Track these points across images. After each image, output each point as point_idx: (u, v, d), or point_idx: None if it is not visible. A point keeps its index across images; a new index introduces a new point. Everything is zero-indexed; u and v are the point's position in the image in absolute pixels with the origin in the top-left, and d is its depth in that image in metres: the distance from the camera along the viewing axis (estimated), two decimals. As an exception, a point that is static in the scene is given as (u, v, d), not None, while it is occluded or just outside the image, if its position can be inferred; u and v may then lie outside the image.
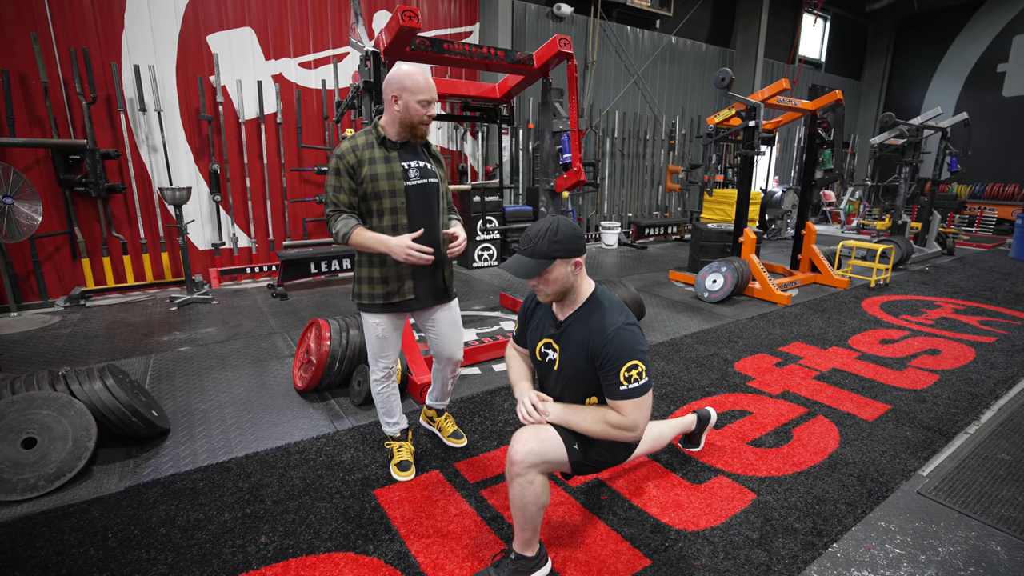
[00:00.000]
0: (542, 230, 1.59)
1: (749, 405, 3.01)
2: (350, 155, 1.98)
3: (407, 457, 2.36)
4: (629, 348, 1.55)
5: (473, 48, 3.39)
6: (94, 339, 3.97)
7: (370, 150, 2.00)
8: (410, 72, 1.96)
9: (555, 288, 1.63)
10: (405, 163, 2.05)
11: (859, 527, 2.01)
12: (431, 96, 1.98)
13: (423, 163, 2.10)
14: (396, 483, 2.24)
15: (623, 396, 1.55)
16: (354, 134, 2.05)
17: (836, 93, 5.60)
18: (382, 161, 2.00)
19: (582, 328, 1.64)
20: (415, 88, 1.95)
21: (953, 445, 2.61)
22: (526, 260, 1.60)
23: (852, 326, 4.51)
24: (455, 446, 2.50)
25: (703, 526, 2.00)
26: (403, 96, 1.95)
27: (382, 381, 2.29)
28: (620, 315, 1.62)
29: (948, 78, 12.72)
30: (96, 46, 4.83)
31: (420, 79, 1.96)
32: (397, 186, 2.01)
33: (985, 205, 11.19)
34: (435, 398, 2.55)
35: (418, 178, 2.07)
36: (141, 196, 5.26)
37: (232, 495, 2.13)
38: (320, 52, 6.07)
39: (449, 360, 2.38)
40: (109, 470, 2.29)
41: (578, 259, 1.62)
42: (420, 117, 1.99)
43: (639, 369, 1.55)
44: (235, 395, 3.08)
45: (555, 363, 1.71)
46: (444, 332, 2.30)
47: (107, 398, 2.32)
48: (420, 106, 1.97)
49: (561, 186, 3.83)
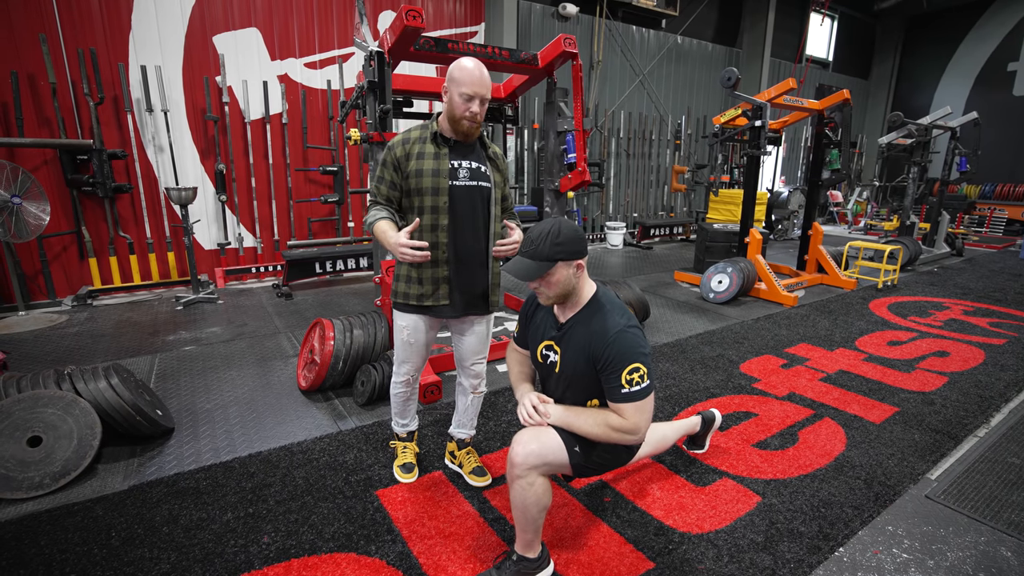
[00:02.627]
0: (544, 232, 1.57)
1: (755, 407, 2.98)
2: (399, 148, 1.91)
3: (411, 459, 2.32)
4: (631, 351, 1.54)
5: (478, 48, 3.39)
6: (100, 338, 3.99)
7: (421, 144, 1.92)
8: (462, 63, 1.84)
9: (557, 290, 1.61)
10: (455, 161, 1.94)
11: (866, 531, 1.98)
12: (475, 91, 1.83)
13: (477, 164, 1.97)
14: (399, 484, 2.24)
15: (624, 399, 1.54)
16: (409, 128, 1.97)
17: (843, 93, 5.56)
18: (431, 157, 1.91)
19: (583, 330, 1.63)
20: (460, 79, 1.82)
21: (962, 448, 2.57)
22: (527, 262, 1.59)
23: (859, 327, 4.46)
24: (477, 485, 2.24)
25: (707, 529, 1.98)
26: (450, 87, 1.85)
27: (400, 385, 2.22)
28: (621, 317, 1.60)
29: (957, 77, 12.61)
30: (104, 47, 4.87)
31: (468, 70, 1.82)
32: (442, 184, 1.90)
33: (995, 206, 11.07)
34: (457, 423, 2.33)
35: (467, 179, 1.95)
36: (147, 196, 5.29)
37: (235, 495, 2.14)
38: (325, 52, 6.08)
39: (469, 371, 2.22)
40: (113, 469, 2.30)
41: (580, 261, 1.60)
42: (462, 112, 1.86)
43: (641, 372, 1.54)
44: (239, 394, 3.09)
45: (556, 365, 1.70)
46: (470, 343, 2.16)
47: (112, 397, 2.33)
48: (461, 100, 1.84)
49: (566, 186, 3.82)
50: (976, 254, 8.36)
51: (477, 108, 1.86)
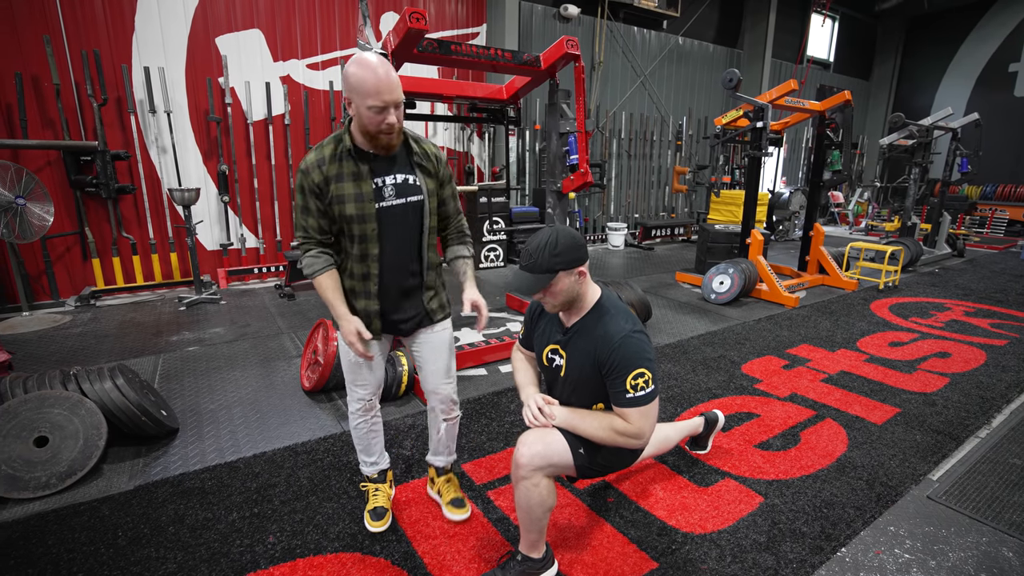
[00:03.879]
0: (541, 244, 1.55)
1: (757, 408, 2.99)
2: (315, 172, 1.61)
3: (383, 503, 2.01)
4: (636, 356, 1.54)
5: (480, 49, 3.40)
6: (104, 338, 4.01)
7: (338, 164, 1.62)
8: (359, 67, 1.49)
9: (561, 299, 1.61)
10: (379, 179, 1.65)
11: (868, 531, 1.99)
12: (384, 100, 1.50)
13: (404, 176, 1.69)
14: (403, 483, 2.25)
15: (629, 404, 1.55)
16: (322, 143, 1.66)
17: (845, 94, 5.56)
18: (350, 179, 1.62)
19: (588, 335, 1.63)
20: (361, 89, 1.49)
21: (964, 449, 2.58)
22: (527, 276, 1.57)
23: (861, 328, 4.47)
24: (454, 518, 1.98)
25: (710, 529, 1.99)
26: (353, 99, 1.53)
27: (358, 414, 1.94)
28: (627, 322, 1.61)
29: (958, 78, 12.61)
30: (107, 48, 4.88)
31: (367, 77, 1.48)
32: (367, 210, 1.63)
33: (996, 206, 11.07)
34: (432, 450, 2.08)
35: (394, 197, 1.68)
36: (151, 197, 5.30)
37: (240, 495, 2.15)
38: (328, 53, 6.10)
39: (434, 394, 1.94)
40: (119, 469, 2.31)
41: (581, 268, 1.59)
42: (376, 126, 1.54)
43: (646, 377, 1.54)
44: (243, 395, 3.10)
45: (562, 369, 1.71)
46: (426, 359, 1.90)
47: (117, 397, 2.34)
48: (372, 113, 1.52)
49: (568, 187, 3.83)
50: (977, 255, 8.36)
51: (393, 119, 1.55)
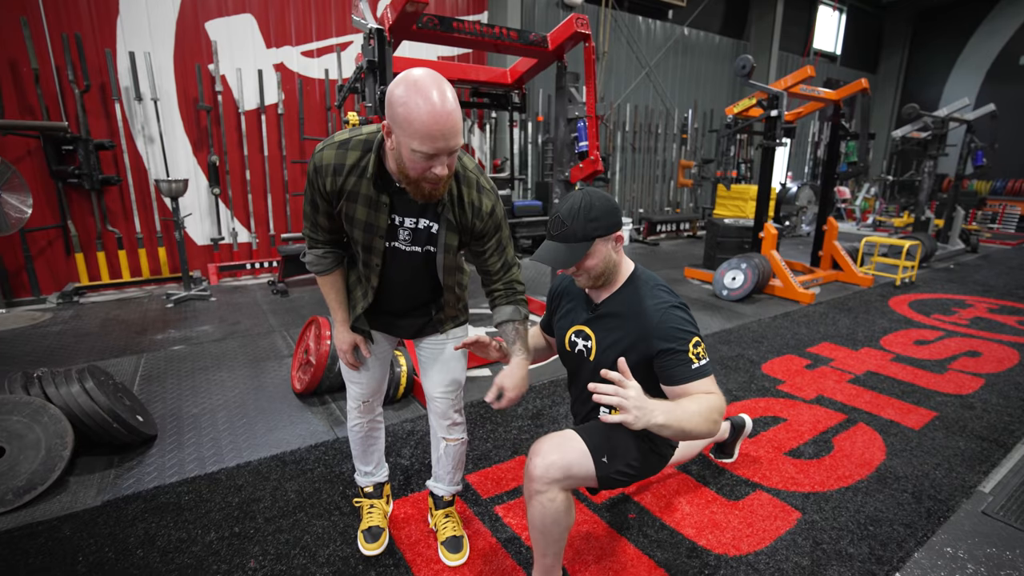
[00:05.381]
0: (574, 208, 1.36)
1: (782, 411, 2.78)
2: (329, 179, 1.33)
3: (378, 522, 1.78)
4: (689, 325, 1.36)
5: (484, 28, 3.17)
6: (84, 337, 3.78)
7: (356, 180, 1.32)
8: (411, 92, 1.12)
9: (597, 271, 1.41)
10: (398, 217, 1.39)
11: (922, 553, 1.78)
12: (437, 147, 1.15)
13: (426, 223, 1.39)
14: (401, 498, 2.03)
15: (698, 375, 1.32)
16: (347, 141, 1.33)
17: (862, 81, 5.35)
18: (365, 204, 1.34)
19: (624, 311, 1.43)
20: (409, 127, 1.13)
21: (1013, 458, 2.37)
22: (559, 247, 1.37)
23: (882, 326, 4.26)
24: (449, 563, 1.69)
25: (745, 551, 1.77)
26: (395, 132, 1.18)
27: (355, 414, 1.73)
28: (669, 294, 1.43)
29: (968, 71, 12.39)
30: (90, 32, 4.64)
31: (420, 113, 1.11)
32: (375, 245, 1.39)
33: (1007, 202, 10.87)
34: (432, 472, 1.82)
35: (408, 243, 1.41)
36: (137, 189, 5.07)
37: (220, 511, 1.93)
38: (323, 40, 5.86)
39: (435, 403, 1.67)
40: (87, 482, 2.09)
41: (619, 233, 1.40)
42: (418, 173, 1.21)
43: (702, 346, 1.35)
44: (229, 398, 2.88)
45: (589, 352, 1.49)
46: (428, 366, 1.66)
47: (86, 402, 2.12)
48: (417, 159, 1.17)
49: (577, 176, 3.61)
50: (991, 250, 8.16)
51: (443, 170, 1.20)
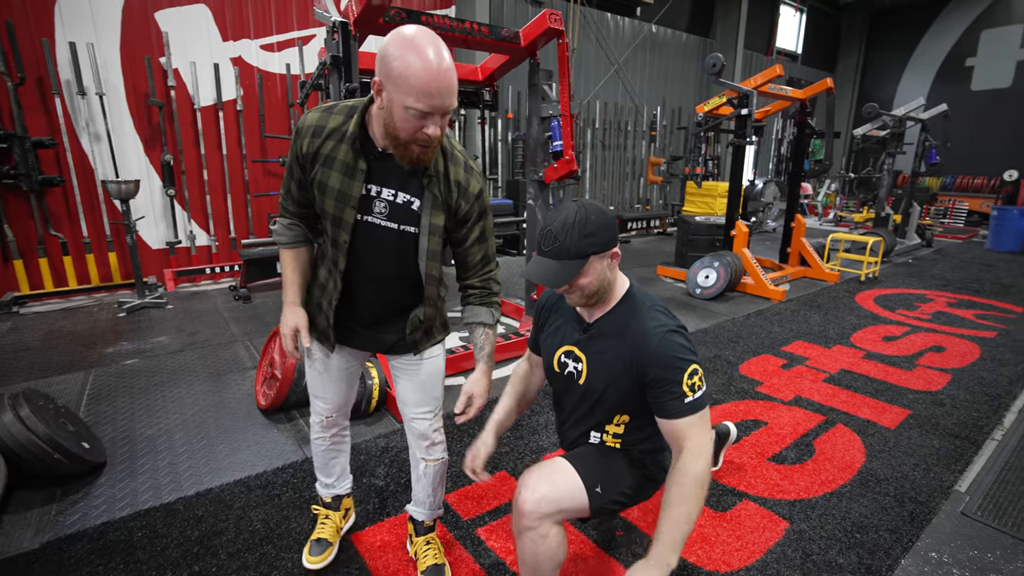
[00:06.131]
0: (568, 223, 1.23)
1: (762, 414, 2.77)
2: (307, 138, 1.28)
3: (327, 535, 1.70)
4: (687, 353, 1.26)
5: (454, 22, 3.04)
6: (23, 352, 3.49)
7: (335, 143, 1.27)
8: (406, 48, 1.08)
9: (591, 290, 1.30)
10: (373, 186, 1.28)
11: (909, 560, 1.77)
12: (432, 105, 1.11)
13: (406, 197, 1.30)
14: (377, 523, 1.91)
15: (691, 409, 1.23)
16: (333, 106, 1.31)
17: (827, 81, 5.45)
18: (340, 169, 1.27)
19: (618, 333, 1.33)
20: (403, 82, 1.09)
21: (984, 455, 2.42)
22: (552, 264, 1.26)
23: (851, 322, 4.34)
24: None
25: (737, 566, 1.73)
26: (386, 87, 1.13)
27: (317, 428, 1.66)
28: (667, 316, 1.34)
29: (919, 71, 12.88)
30: (23, 19, 4.27)
31: (416, 69, 1.07)
32: (346, 216, 1.29)
33: (956, 197, 11.36)
34: (413, 495, 1.70)
35: (384, 217, 1.30)
36: (83, 190, 4.72)
37: (177, 548, 1.77)
38: (284, 34, 5.59)
39: (411, 424, 1.58)
40: (23, 520, 1.89)
41: (615, 250, 1.29)
42: (410, 133, 1.15)
43: (699, 374, 1.26)
44: (187, 416, 2.68)
45: (579, 376, 1.40)
46: (403, 385, 1.57)
47: (20, 432, 1.91)
48: (410, 116, 1.12)
49: (551, 176, 3.52)
50: (944, 244, 8.50)
51: (435, 130, 1.16)
